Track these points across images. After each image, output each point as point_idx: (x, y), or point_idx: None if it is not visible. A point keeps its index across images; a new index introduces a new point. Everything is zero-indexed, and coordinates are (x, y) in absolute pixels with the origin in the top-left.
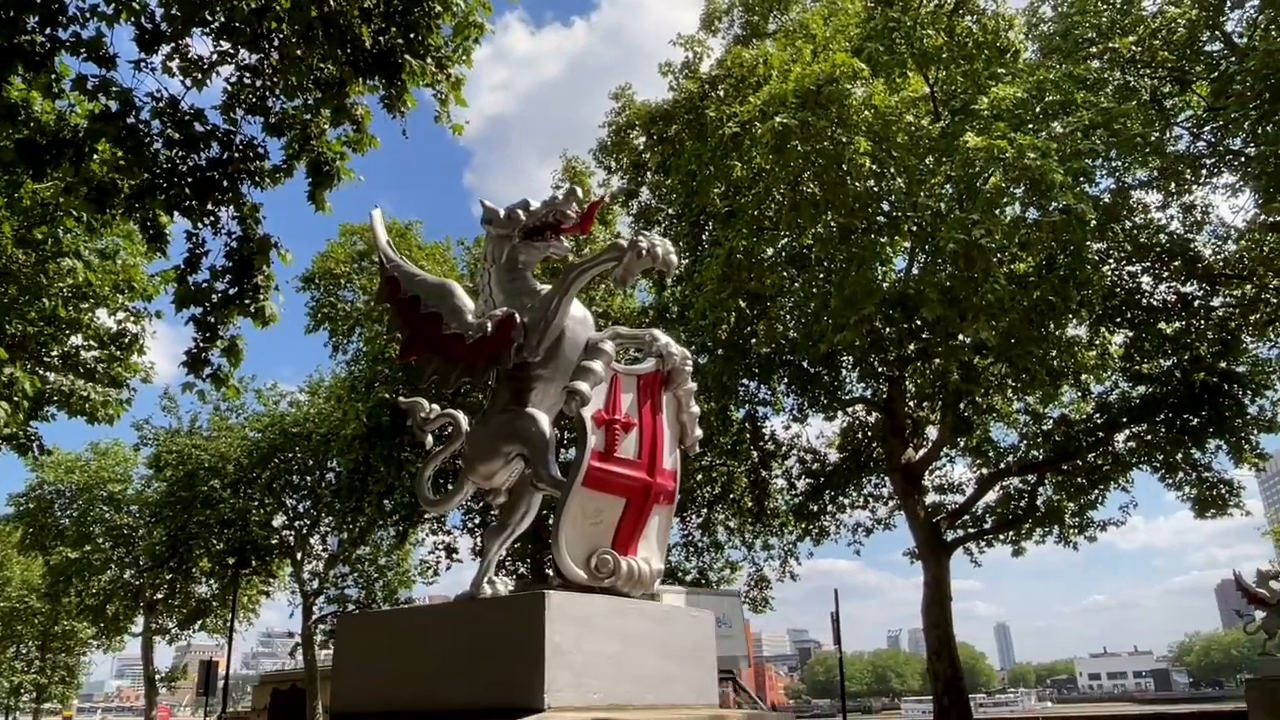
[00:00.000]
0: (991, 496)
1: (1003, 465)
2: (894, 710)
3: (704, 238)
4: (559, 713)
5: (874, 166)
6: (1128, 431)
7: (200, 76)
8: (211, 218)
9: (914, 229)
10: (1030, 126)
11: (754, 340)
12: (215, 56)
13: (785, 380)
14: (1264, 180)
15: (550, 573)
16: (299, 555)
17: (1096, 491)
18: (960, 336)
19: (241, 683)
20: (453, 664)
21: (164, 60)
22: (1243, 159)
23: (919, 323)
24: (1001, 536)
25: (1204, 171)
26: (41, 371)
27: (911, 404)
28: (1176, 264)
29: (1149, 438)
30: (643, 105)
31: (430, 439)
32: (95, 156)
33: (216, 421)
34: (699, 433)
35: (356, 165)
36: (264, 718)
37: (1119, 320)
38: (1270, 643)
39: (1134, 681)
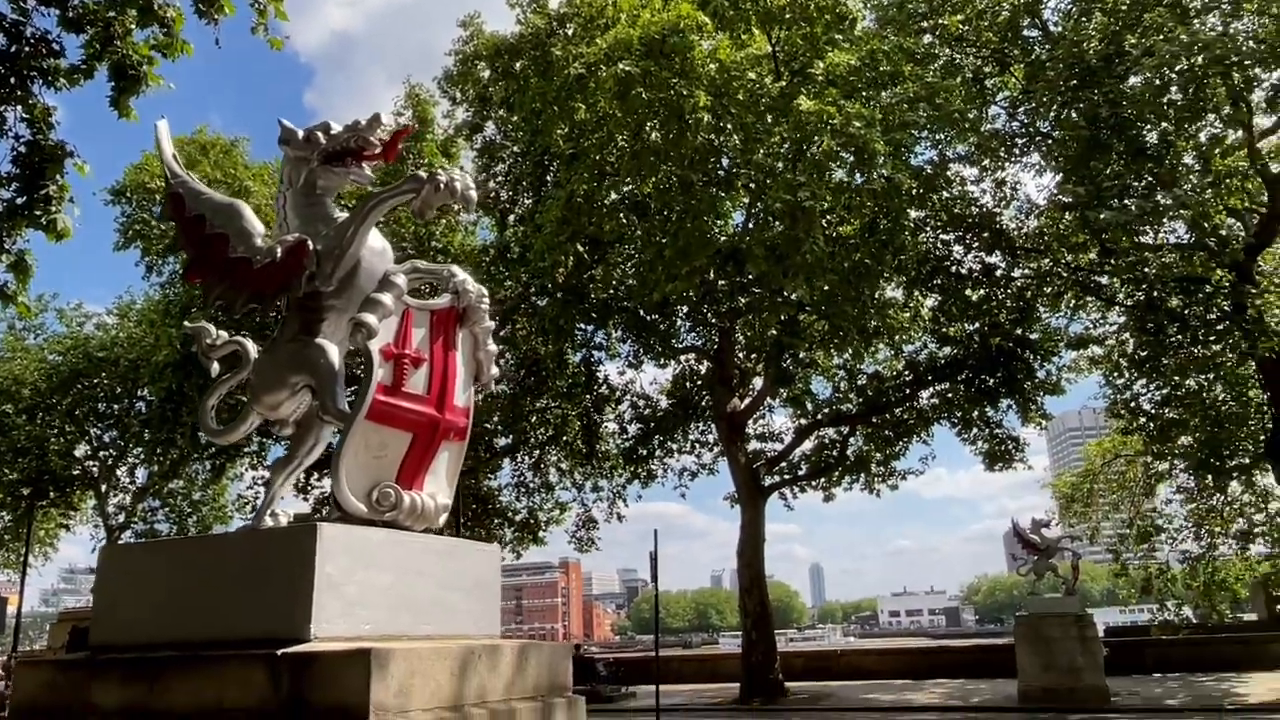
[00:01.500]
0: (807, 445)
1: (819, 416)
2: (712, 644)
3: (548, 178)
4: (325, 643)
5: (714, 121)
6: (932, 389)
7: None
8: None
9: (750, 185)
10: (864, 94)
11: (592, 285)
12: None
13: (621, 326)
14: (1063, 162)
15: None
16: (103, 487)
17: (901, 443)
18: (785, 292)
19: (40, 620)
20: (224, 595)
21: None
22: (1050, 141)
23: (749, 277)
24: (814, 483)
25: (1016, 150)
26: None
27: (740, 355)
28: (985, 235)
29: (950, 395)
30: (491, 37)
31: (216, 366)
32: None
33: (11, 342)
34: (495, 371)
35: (177, 73)
36: (61, 656)
37: (931, 285)
38: (1039, 583)
39: (928, 618)
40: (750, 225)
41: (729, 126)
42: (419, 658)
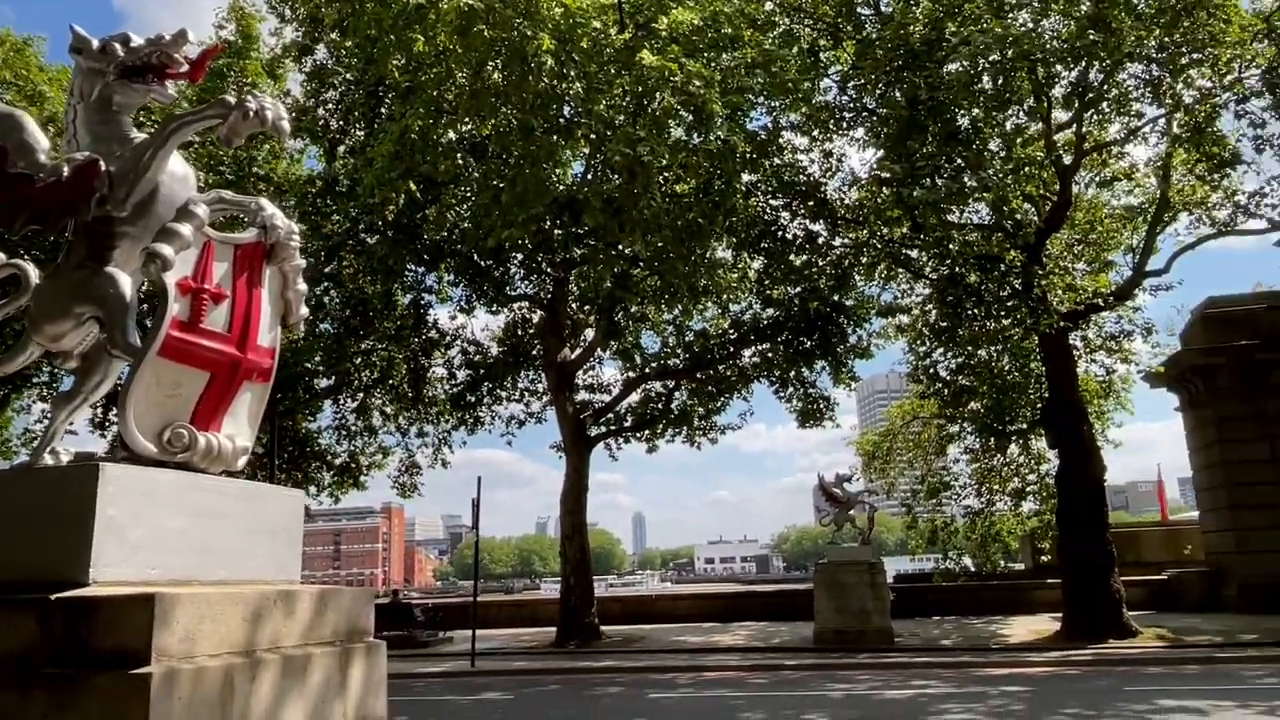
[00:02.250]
0: (634, 398)
1: (647, 370)
2: (534, 590)
3: (382, 110)
4: (107, 587)
5: (556, 67)
6: (754, 348)
7: None
8: None
9: (591, 136)
10: (705, 55)
11: (425, 225)
12: None
13: (454, 270)
14: (884, 139)
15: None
16: None
17: (722, 399)
18: (620, 246)
19: None
20: None
21: None
22: (874, 118)
23: (585, 228)
24: (639, 434)
25: (844, 124)
26: None
27: (574, 306)
28: (811, 204)
29: (770, 355)
30: None
31: None
32: None
33: None
34: (304, 311)
35: None
36: None
37: (758, 248)
38: (839, 533)
39: (740, 565)
40: (589, 176)
41: (572, 74)
42: (209, 603)
